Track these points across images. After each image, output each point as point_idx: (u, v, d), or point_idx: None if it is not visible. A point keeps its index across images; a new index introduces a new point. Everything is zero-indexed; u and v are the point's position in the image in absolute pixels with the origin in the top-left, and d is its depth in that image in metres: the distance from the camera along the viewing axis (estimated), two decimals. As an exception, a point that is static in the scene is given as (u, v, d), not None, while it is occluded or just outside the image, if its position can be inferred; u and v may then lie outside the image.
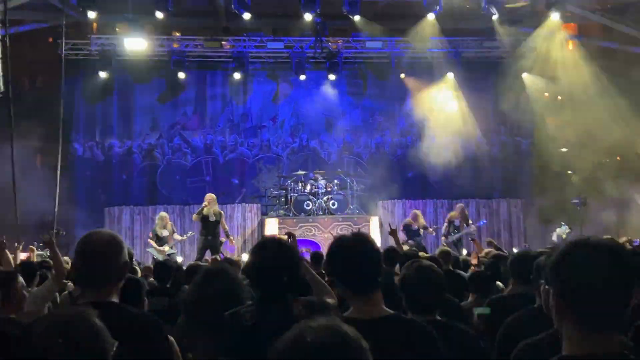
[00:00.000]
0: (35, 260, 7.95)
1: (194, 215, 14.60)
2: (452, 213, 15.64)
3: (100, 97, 19.57)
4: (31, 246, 7.87)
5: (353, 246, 2.78)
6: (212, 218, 14.18)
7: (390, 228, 8.06)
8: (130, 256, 5.80)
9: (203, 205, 14.31)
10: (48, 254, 8.81)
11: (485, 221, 17.02)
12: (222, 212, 14.70)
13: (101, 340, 2.05)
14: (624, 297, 1.88)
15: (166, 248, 14.07)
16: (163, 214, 14.86)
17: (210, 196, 14.45)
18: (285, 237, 4.37)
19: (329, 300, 3.74)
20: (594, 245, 1.91)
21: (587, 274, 1.86)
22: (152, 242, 14.20)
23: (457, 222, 15.18)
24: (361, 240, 2.82)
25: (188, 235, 15.22)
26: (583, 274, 1.87)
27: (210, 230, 14.24)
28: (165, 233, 14.27)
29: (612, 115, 18.36)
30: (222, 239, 14.53)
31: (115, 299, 2.88)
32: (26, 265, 6.21)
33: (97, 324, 2.06)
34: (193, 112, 20.34)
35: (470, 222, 15.46)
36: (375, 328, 2.60)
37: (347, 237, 2.86)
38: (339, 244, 2.85)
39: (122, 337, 2.58)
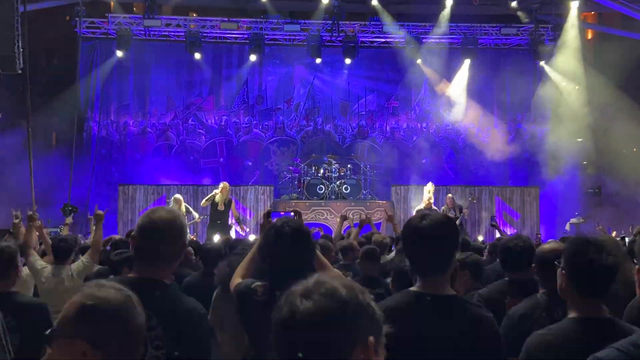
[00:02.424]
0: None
1: (203, 201, 14.64)
2: (444, 207, 15.63)
3: (116, 76, 19.62)
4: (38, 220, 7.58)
5: (427, 229, 2.79)
6: (221, 208, 14.24)
7: (387, 214, 7.86)
8: None
9: (215, 192, 14.37)
10: (59, 231, 8.91)
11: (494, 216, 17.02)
12: (232, 200, 14.78)
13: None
14: (610, 277, 2.66)
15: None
16: (177, 196, 14.94)
17: (224, 185, 14.49)
18: (292, 214, 4.36)
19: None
20: (589, 241, 2.71)
21: (584, 262, 2.66)
22: None
23: (452, 213, 15.18)
24: (437, 223, 2.82)
25: (202, 218, 15.30)
26: (581, 261, 2.67)
27: (218, 217, 14.32)
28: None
29: (629, 107, 18.22)
30: (231, 222, 14.60)
31: (168, 280, 2.81)
32: (62, 241, 6.17)
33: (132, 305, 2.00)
34: (208, 93, 20.36)
35: (463, 209, 15.50)
36: (438, 304, 2.73)
37: (424, 220, 2.84)
38: (415, 224, 2.85)
39: (164, 320, 2.57)
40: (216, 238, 13.07)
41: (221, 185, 14.49)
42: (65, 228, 8.06)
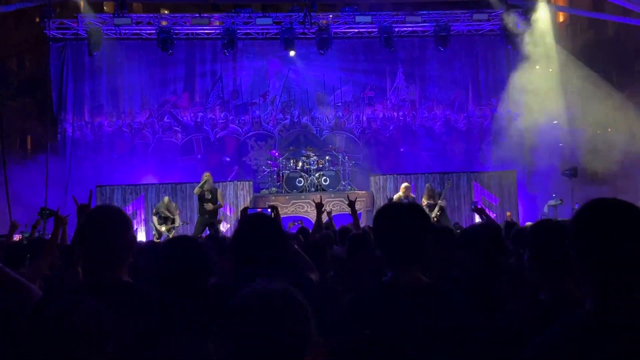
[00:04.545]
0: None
1: (197, 189, 14.71)
2: (424, 196, 15.68)
3: (88, 76, 19.43)
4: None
5: (398, 218, 2.78)
6: (208, 196, 14.32)
7: (349, 199, 7.37)
8: None
9: (203, 180, 14.46)
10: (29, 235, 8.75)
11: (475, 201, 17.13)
12: (218, 189, 14.80)
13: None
14: None
15: (164, 228, 14.26)
16: (166, 199, 15.08)
17: (205, 174, 14.58)
18: (269, 210, 4.34)
19: (312, 276, 3.74)
20: (611, 207, 1.93)
21: (606, 235, 1.88)
22: (155, 218, 14.59)
23: (431, 201, 15.26)
24: (408, 212, 2.81)
25: (181, 224, 15.26)
26: (603, 235, 1.88)
27: (206, 209, 14.35)
28: (166, 214, 14.50)
29: (603, 88, 18.36)
30: (220, 217, 14.67)
31: (125, 277, 2.78)
32: (13, 247, 5.88)
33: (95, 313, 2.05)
34: (183, 90, 20.25)
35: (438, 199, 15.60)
36: (413, 294, 2.69)
37: (395, 209, 2.86)
38: (386, 214, 2.85)
39: (130, 318, 2.51)
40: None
41: (204, 177, 14.53)
42: (33, 230, 7.91)
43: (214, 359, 2.50)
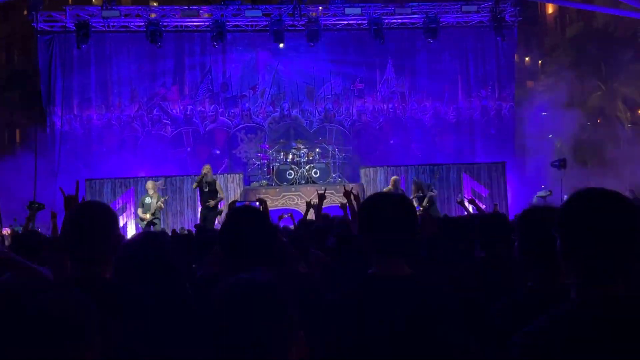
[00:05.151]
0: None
1: (195, 184, 14.71)
2: (413, 187, 15.74)
3: (77, 69, 19.32)
4: None
5: (384, 207, 2.73)
6: (206, 188, 14.36)
7: (345, 190, 7.08)
8: None
9: (203, 174, 14.47)
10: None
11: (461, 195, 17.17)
12: (216, 181, 14.80)
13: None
14: (627, 247, 1.87)
15: (147, 215, 14.21)
16: (149, 184, 14.96)
17: (205, 167, 14.60)
18: (257, 203, 4.32)
19: (299, 268, 3.73)
20: (597, 197, 1.94)
21: (590, 223, 1.89)
22: (140, 210, 14.55)
23: (419, 194, 15.33)
24: (393, 202, 2.76)
25: (166, 198, 15.23)
26: (587, 225, 1.89)
27: (204, 201, 14.40)
28: (147, 200, 14.44)
29: (592, 78, 18.42)
30: (221, 208, 14.66)
31: (108, 275, 2.75)
32: (29, 237, 5.29)
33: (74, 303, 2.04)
34: (172, 82, 20.15)
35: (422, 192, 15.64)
36: (400, 285, 2.65)
37: (390, 198, 2.80)
38: (372, 203, 2.79)
39: (110, 316, 2.42)
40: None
41: (203, 169, 14.53)
42: (27, 223, 7.85)
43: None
